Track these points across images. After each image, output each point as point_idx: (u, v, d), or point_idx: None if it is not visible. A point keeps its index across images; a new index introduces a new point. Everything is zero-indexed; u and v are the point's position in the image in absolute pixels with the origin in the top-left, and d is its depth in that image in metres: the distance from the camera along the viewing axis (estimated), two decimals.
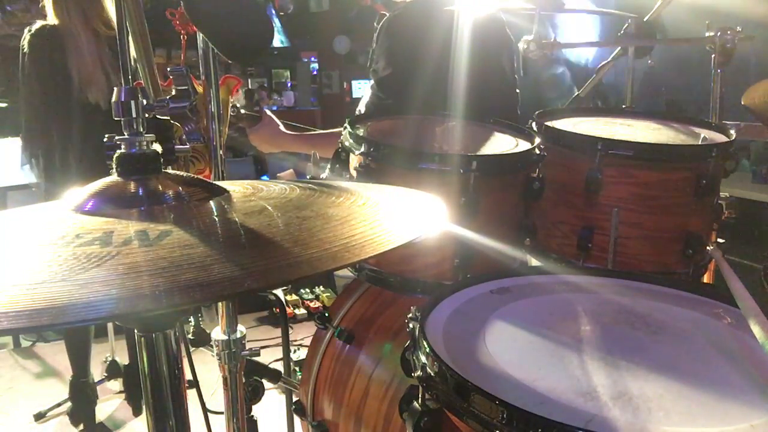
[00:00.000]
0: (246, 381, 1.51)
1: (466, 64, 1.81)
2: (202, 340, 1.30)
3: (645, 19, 2.00)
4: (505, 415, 0.76)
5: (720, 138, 1.58)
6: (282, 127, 2.27)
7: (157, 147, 0.84)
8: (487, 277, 1.21)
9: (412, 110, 1.81)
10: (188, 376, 1.38)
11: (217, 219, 0.71)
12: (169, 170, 0.83)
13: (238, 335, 1.47)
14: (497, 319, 1.04)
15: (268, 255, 0.57)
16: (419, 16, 2.10)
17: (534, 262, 1.65)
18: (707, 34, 1.88)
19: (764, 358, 0.92)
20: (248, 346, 1.50)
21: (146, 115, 0.83)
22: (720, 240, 1.66)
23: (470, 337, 0.97)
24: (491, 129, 1.71)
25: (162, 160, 0.83)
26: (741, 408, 0.80)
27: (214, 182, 0.85)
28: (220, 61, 1.37)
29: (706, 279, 1.71)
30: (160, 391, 0.77)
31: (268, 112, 2.30)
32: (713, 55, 1.89)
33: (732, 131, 1.58)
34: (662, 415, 0.78)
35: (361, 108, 2.18)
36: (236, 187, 0.85)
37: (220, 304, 1.44)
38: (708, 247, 1.55)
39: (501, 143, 1.57)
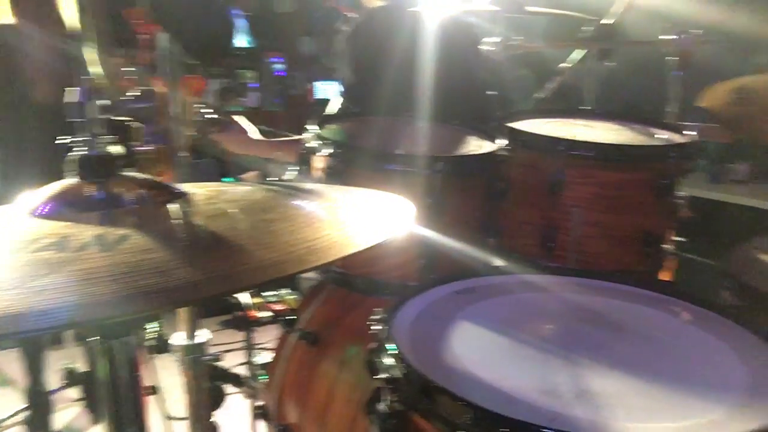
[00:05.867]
0: (209, 386, 1.49)
1: (432, 66, 1.81)
2: (164, 346, 1.27)
3: (608, 22, 2.04)
4: (470, 416, 0.77)
5: (678, 139, 1.61)
6: (253, 133, 2.25)
7: (116, 149, 0.82)
8: (452, 278, 1.21)
9: (379, 113, 1.81)
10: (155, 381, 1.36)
11: (178, 222, 0.70)
12: (129, 172, 0.81)
13: (201, 340, 1.45)
14: (462, 320, 1.04)
15: (231, 259, 0.56)
16: (384, 23, 2.10)
17: (499, 262, 1.66)
18: (667, 37, 1.92)
19: (721, 354, 0.95)
20: (212, 350, 1.48)
21: (105, 116, 0.81)
22: (678, 238, 1.69)
23: (436, 339, 0.98)
24: (457, 130, 1.71)
25: (122, 162, 0.81)
26: (700, 403, 0.81)
27: (175, 184, 0.84)
28: (183, 61, 1.35)
29: (665, 277, 1.75)
30: (119, 398, 0.75)
31: (238, 118, 2.27)
32: (672, 58, 1.93)
33: (690, 132, 1.61)
34: (623, 412, 0.79)
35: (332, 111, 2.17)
36: (199, 190, 0.84)
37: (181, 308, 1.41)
38: (667, 246, 1.58)
39: (466, 144, 1.58)
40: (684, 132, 1.63)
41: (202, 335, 1.45)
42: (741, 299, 1.28)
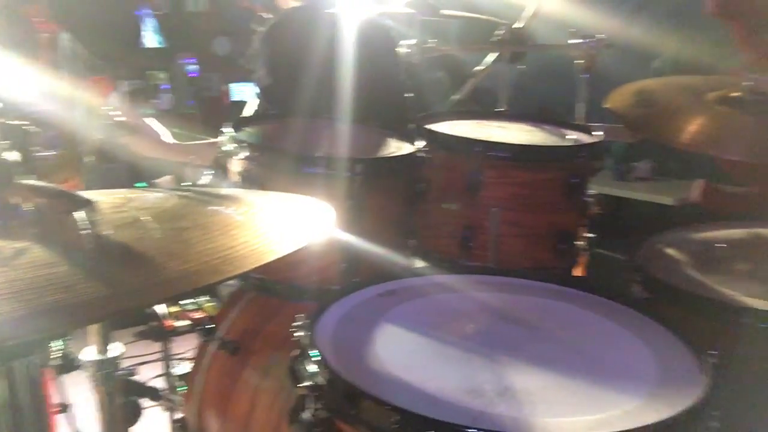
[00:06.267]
0: (124, 401, 1.42)
1: (350, 68, 1.80)
2: (71, 364, 1.20)
3: (519, 26, 2.10)
4: (396, 419, 0.76)
5: (587, 139, 1.68)
6: (165, 136, 2.17)
7: (12, 155, 0.76)
8: (374, 281, 1.21)
9: (297, 115, 1.78)
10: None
11: (83, 233, 0.65)
12: (27, 180, 0.76)
13: (113, 354, 1.38)
14: (386, 323, 1.04)
15: (141, 271, 0.53)
16: (300, 23, 2.07)
17: (420, 263, 1.67)
18: (575, 41, 1.99)
19: (633, 346, 0.99)
20: (127, 363, 1.41)
21: None
22: (589, 235, 1.76)
23: (359, 343, 0.97)
24: (376, 132, 1.71)
25: (19, 169, 0.75)
26: (616, 395, 0.85)
27: (79, 192, 0.79)
28: (89, 62, 1.28)
29: (578, 273, 1.82)
30: (22, 420, 0.70)
31: (149, 121, 2.19)
32: (579, 61, 2.01)
33: (597, 132, 1.68)
34: (544, 407, 0.81)
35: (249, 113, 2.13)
36: (107, 197, 0.79)
37: None
38: (579, 242, 1.64)
39: (386, 146, 1.58)
40: (592, 132, 1.70)
41: (115, 349, 1.38)
42: (649, 292, 1.34)
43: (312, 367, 0.88)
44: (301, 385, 0.89)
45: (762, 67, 2.70)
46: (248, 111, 2.15)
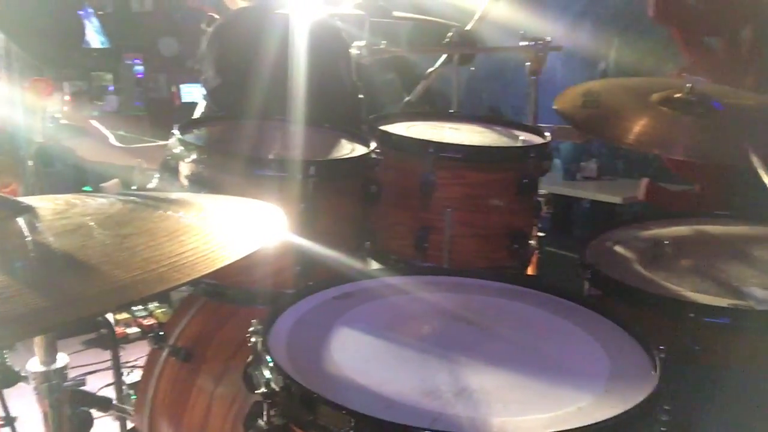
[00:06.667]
0: (72, 413, 1.37)
1: (302, 70, 1.79)
2: (11, 378, 1.15)
3: (468, 29, 2.12)
4: (353, 424, 0.76)
5: (537, 140, 1.70)
6: (111, 139, 2.11)
7: None
8: (329, 284, 1.20)
9: (247, 117, 1.75)
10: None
11: (21, 241, 0.62)
12: None
13: (59, 365, 1.33)
14: (341, 326, 1.03)
15: (84, 280, 0.50)
16: (250, 23, 2.05)
17: (375, 264, 1.67)
18: (524, 44, 2.02)
19: (586, 342, 1.00)
20: (75, 372, 1.36)
21: None
22: (540, 234, 1.79)
23: (315, 347, 0.96)
24: (328, 134, 1.70)
25: None
26: (570, 392, 0.86)
27: (20, 198, 0.75)
28: (27, 62, 1.23)
29: (530, 271, 1.85)
30: None
31: (95, 123, 2.12)
32: (527, 64, 2.04)
33: (547, 133, 1.71)
34: (501, 407, 0.81)
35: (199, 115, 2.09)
36: (47, 203, 0.76)
37: None
38: (531, 242, 1.67)
39: (338, 148, 1.58)
40: (541, 133, 1.73)
41: (60, 360, 1.33)
42: (599, 289, 1.37)
43: (267, 373, 0.86)
44: (256, 391, 0.88)
45: (701, 69, 2.80)
46: (199, 113, 2.11)
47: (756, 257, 1.46)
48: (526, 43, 2.02)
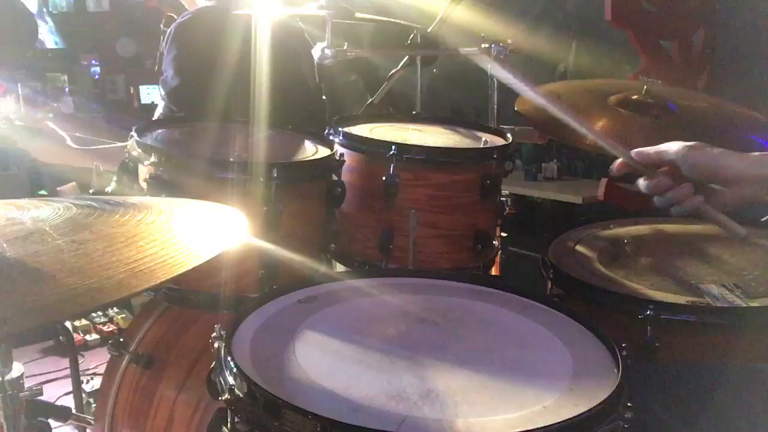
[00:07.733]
0: (29, 424, 1.33)
1: (264, 70, 1.77)
2: None
3: (428, 30, 2.12)
4: (319, 429, 0.75)
5: (499, 141, 1.72)
6: (68, 141, 2.05)
7: None
8: (293, 287, 1.19)
9: (207, 118, 1.73)
10: None
11: None
12: None
13: (13, 375, 1.29)
14: (306, 330, 1.02)
15: (38, 288, 0.48)
16: (210, 23, 2.02)
17: (340, 267, 1.66)
18: (485, 46, 2.04)
19: (549, 341, 1.01)
20: (32, 381, 1.32)
21: None
22: (503, 234, 1.80)
23: (279, 352, 0.94)
24: (291, 136, 1.69)
25: None
26: (535, 391, 0.86)
27: None
28: None
29: (494, 271, 1.86)
30: None
31: (51, 125, 2.07)
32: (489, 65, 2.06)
33: (509, 134, 1.73)
34: (467, 408, 0.81)
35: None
36: (0, 208, 0.73)
37: None
38: (494, 242, 1.68)
39: (301, 150, 1.56)
40: (504, 135, 1.75)
41: (15, 369, 1.29)
42: (561, 288, 1.39)
43: (230, 379, 0.85)
44: (220, 398, 0.86)
45: (657, 71, 2.87)
46: (158, 114, 2.07)
47: (711, 255, 1.50)
48: (487, 45, 2.03)
